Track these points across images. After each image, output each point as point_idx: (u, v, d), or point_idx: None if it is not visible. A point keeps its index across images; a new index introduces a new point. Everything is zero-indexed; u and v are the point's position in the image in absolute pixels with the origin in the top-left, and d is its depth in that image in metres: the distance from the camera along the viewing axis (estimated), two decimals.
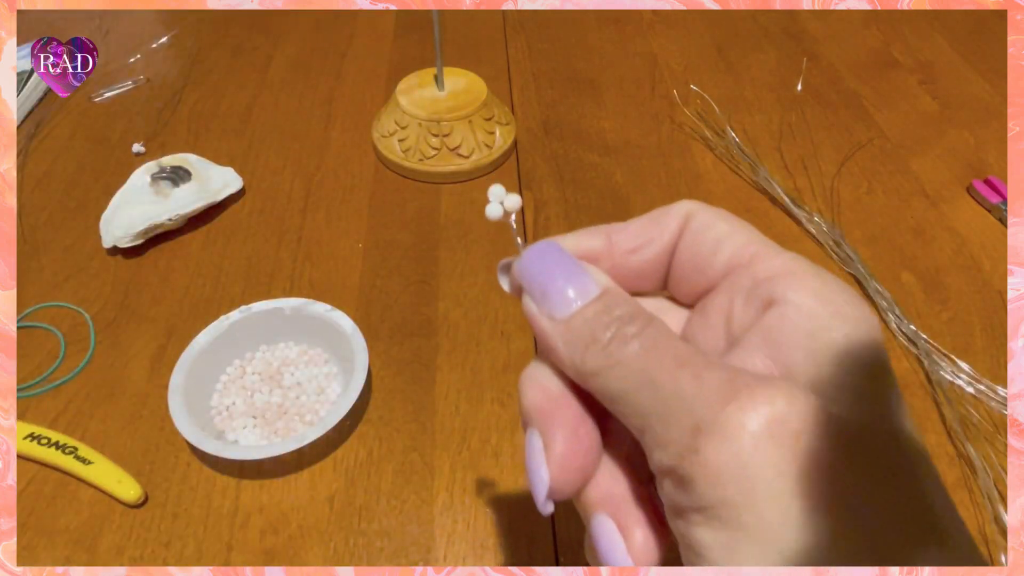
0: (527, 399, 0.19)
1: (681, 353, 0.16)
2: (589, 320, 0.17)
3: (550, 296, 0.18)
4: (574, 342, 0.17)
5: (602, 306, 0.18)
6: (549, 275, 0.18)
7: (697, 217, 0.20)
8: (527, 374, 0.19)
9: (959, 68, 0.75)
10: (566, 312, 0.18)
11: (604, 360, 0.17)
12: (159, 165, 0.57)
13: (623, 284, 0.20)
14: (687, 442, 0.15)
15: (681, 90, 0.71)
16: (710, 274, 0.20)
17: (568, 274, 0.18)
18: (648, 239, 0.21)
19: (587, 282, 0.18)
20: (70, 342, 0.48)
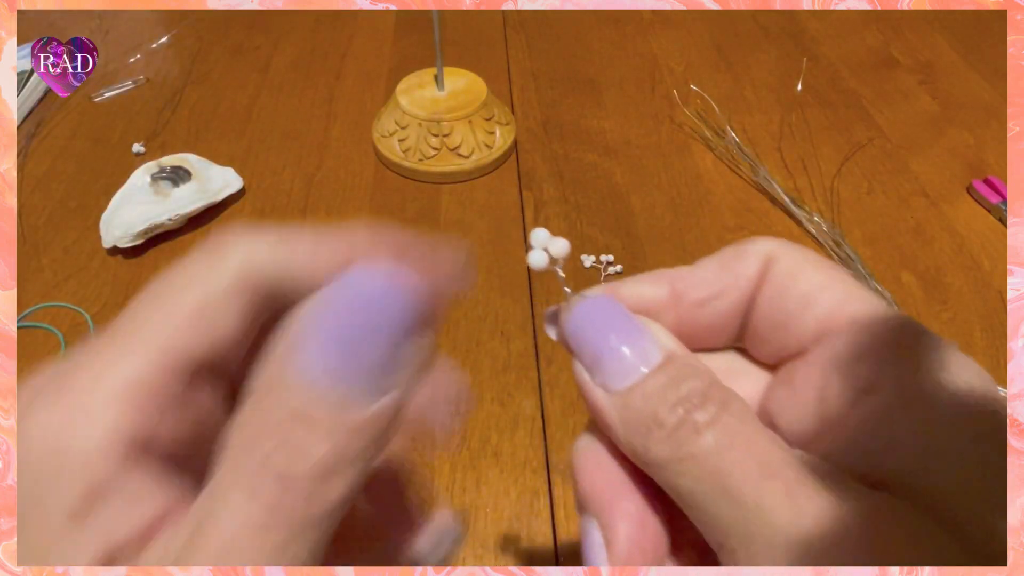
0: (582, 484, 0.16)
1: (768, 456, 0.13)
2: (651, 396, 0.15)
3: (604, 363, 0.15)
4: (633, 423, 0.15)
5: (667, 378, 0.15)
6: (602, 337, 0.16)
7: (780, 262, 0.17)
8: (581, 451, 0.17)
9: (959, 68, 0.75)
10: (623, 384, 0.15)
11: (670, 451, 0.14)
12: (159, 165, 0.57)
13: (689, 341, 0.17)
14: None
15: (681, 90, 0.71)
16: (798, 336, 0.16)
17: (625, 335, 0.16)
18: (720, 288, 0.17)
19: (648, 345, 0.15)
20: (70, 342, 0.48)
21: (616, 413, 0.15)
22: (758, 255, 0.17)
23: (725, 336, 0.18)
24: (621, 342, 0.15)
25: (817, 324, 0.16)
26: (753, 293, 0.17)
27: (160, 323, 0.15)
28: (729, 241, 0.56)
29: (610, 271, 0.52)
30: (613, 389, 0.15)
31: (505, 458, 0.42)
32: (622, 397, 0.15)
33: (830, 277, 0.16)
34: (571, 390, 0.45)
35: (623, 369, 0.15)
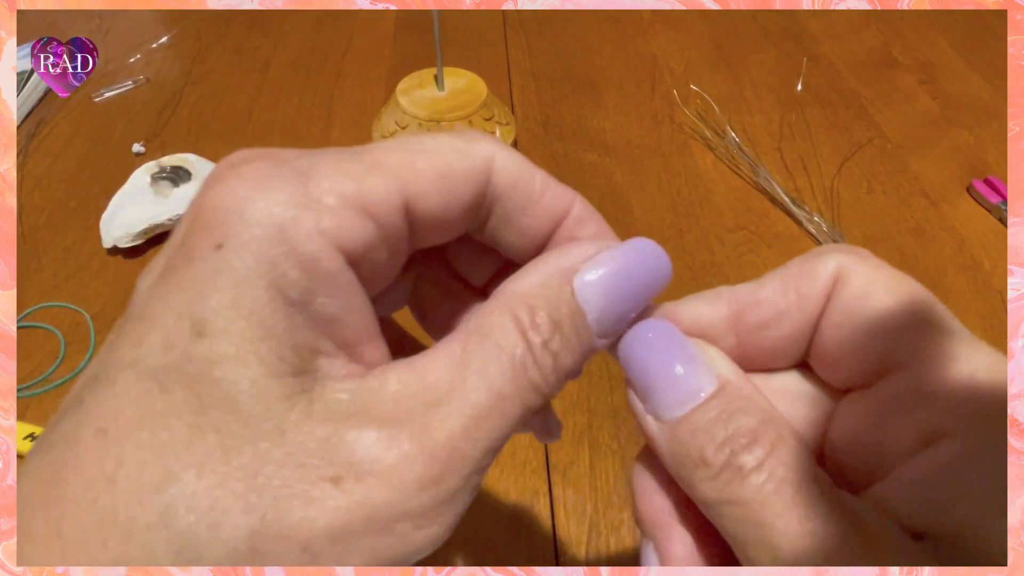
0: (640, 507, 0.16)
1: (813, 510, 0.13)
2: (699, 432, 0.14)
3: (654, 392, 0.15)
4: (680, 456, 0.15)
5: (717, 412, 0.14)
6: (654, 363, 0.15)
7: (852, 279, 0.16)
8: (639, 474, 0.17)
9: (959, 68, 0.75)
10: (672, 414, 0.15)
11: (714, 493, 0.14)
12: (159, 165, 0.57)
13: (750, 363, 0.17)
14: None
15: (681, 90, 0.71)
16: (865, 363, 0.16)
17: (677, 362, 0.15)
18: (784, 309, 0.16)
19: (701, 373, 0.15)
20: (70, 342, 0.48)
21: (665, 444, 0.15)
22: (826, 272, 0.16)
23: (789, 357, 0.17)
24: (673, 369, 0.15)
25: (884, 355, 0.15)
26: (819, 315, 0.16)
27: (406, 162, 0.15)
28: (729, 241, 0.56)
29: None
30: (663, 419, 0.15)
31: (505, 458, 0.41)
32: (671, 429, 0.15)
33: (903, 302, 0.15)
34: (571, 390, 0.45)
35: (673, 399, 0.15)
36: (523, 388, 0.14)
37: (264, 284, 0.13)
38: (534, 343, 0.14)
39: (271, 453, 0.13)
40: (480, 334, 0.15)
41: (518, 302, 0.15)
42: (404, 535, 0.13)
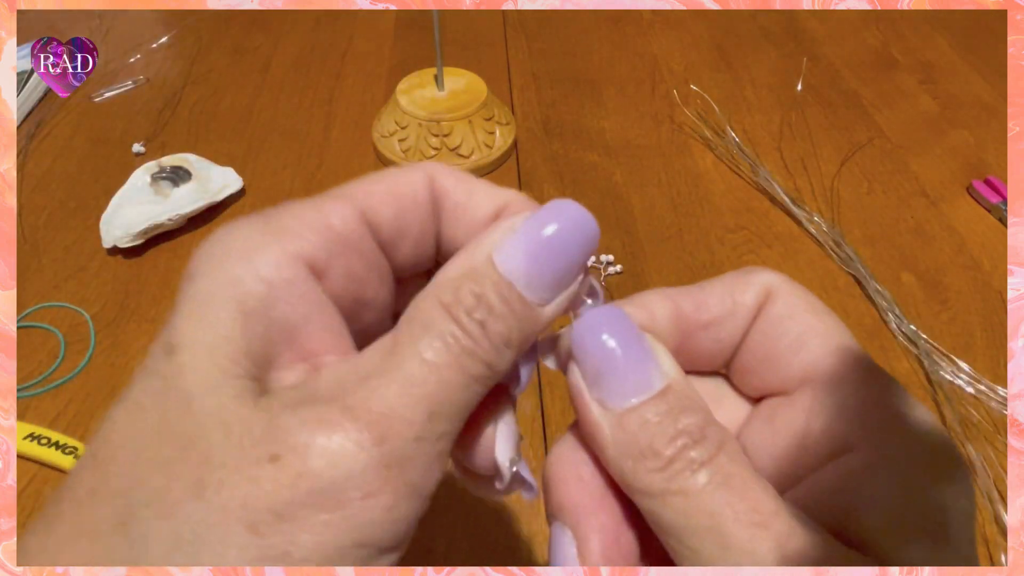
0: (558, 494, 0.16)
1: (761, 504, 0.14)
2: (649, 424, 0.15)
3: (605, 378, 0.15)
4: (626, 446, 0.15)
5: (667, 407, 0.15)
6: (608, 351, 0.15)
7: (779, 299, 0.17)
8: (560, 457, 0.17)
9: (959, 68, 0.75)
10: (621, 404, 0.15)
11: (661, 483, 0.14)
12: (159, 165, 0.57)
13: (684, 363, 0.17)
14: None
15: (681, 90, 0.71)
16: (784, 375, 0.17)
17: (631, 353, 0.15)
18: (722, 315, 0.17)
19: (651, 369, 0.15)
20: (70, 342, 0.48)
21: (609, 432, 0.15)
22: (758, 287, 0.17)
23: (716, 362, 0.18)
24: (626, 360, 0.15)
25: (803, 369, 0.16)
26: (750, 325, 0.17)
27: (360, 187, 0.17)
28: (729, 241, 0.56)
29: (610, 271, 0.52)
30: (610, 407, 0.15)
31: None
32: (618, 417, 0.15)
33: (823, 323, 0.17)
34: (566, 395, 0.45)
35: (624, 389, 0.15)
36: (456, 355, 0.14)
37: (224, 298, 0.15)
38: (459, 316, 0.15)
39: (219, 444, 0.13)
40: (408, 320, 0.15)
41: (442, 286, 0.15)
42: (353, 505, 0.13)
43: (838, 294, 0.51)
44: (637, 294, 0.18)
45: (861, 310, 0.50)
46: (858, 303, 0.50)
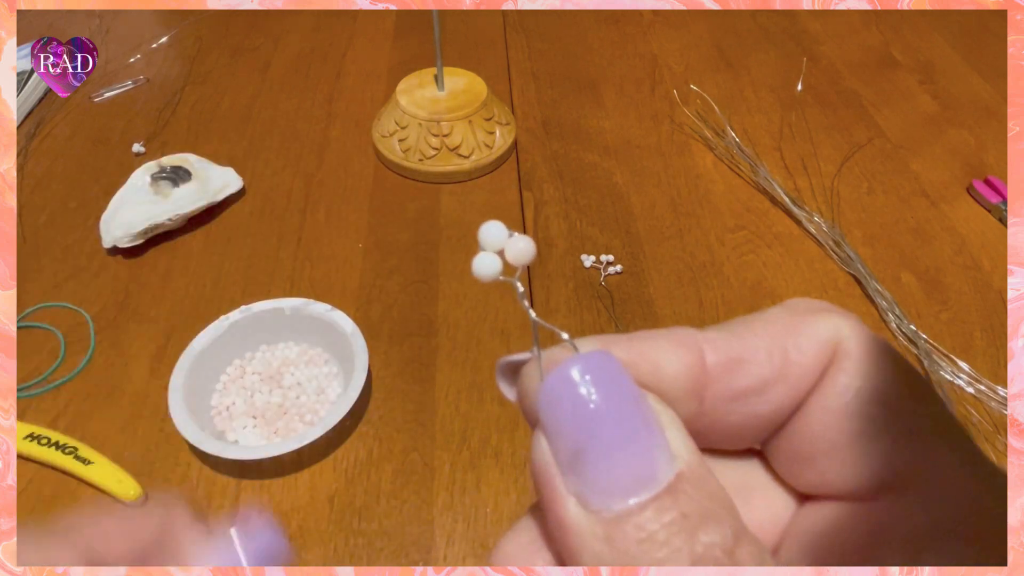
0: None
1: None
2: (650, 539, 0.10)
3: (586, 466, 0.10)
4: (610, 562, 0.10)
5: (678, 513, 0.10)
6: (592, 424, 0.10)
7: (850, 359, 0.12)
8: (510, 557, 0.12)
9: (959, 68, 0.75)
10: (610, 505, 0.10)
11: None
12: (159, 165, 0.57)
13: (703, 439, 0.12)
14: None
15: (681, 90, 0.70)
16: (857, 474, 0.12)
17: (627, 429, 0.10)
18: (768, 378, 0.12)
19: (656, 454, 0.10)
20: (70, 342, 0.48)
21: (589, 543, 0.10)
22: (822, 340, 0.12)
23: (747, 440, 0.13)
24: (621, 436, 0.10)
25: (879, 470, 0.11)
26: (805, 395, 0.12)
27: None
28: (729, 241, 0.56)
29: (610, 271, 0.52)
30: (594, 507, 0.10)
31: (505, 458, 0.41)
32: (607, 525, 0.10)
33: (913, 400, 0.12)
34: None
35: (616, 481, 0.10)
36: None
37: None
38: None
39: None
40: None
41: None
42: None
43: (838, 294, 0.51)
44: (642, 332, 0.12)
45: (861, 310, 0.50)
46: (858, 303, 0.50)
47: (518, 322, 0.49)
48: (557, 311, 0.49)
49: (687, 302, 0.50)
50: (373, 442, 0.42)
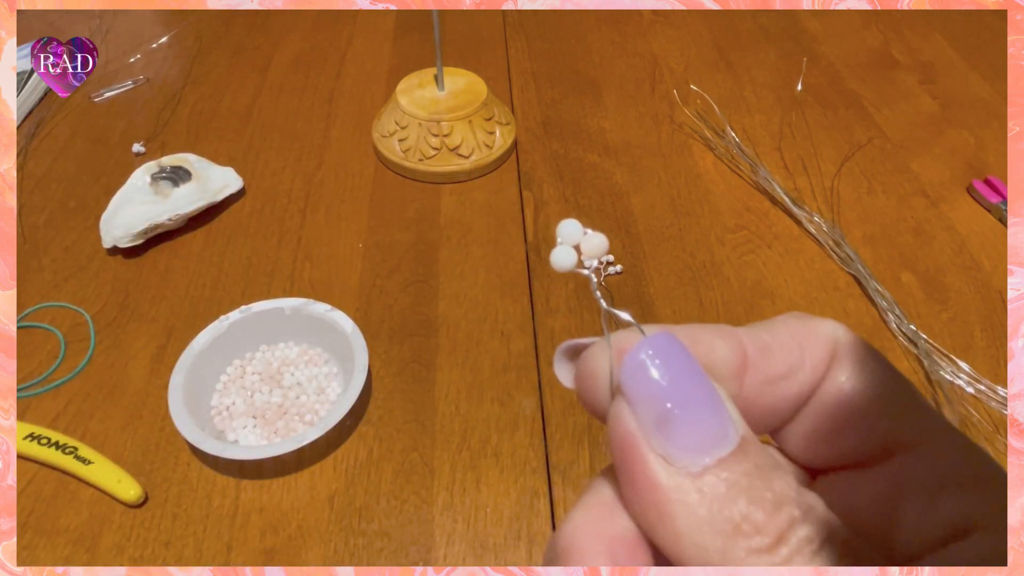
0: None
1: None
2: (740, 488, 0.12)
3: (675, 428, 0.12)
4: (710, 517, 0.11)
5: (753, 466, 0.12)
6: (676, 392, 0.12)
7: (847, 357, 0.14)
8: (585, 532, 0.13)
9: (959, 68, 0.75)
10: (699, 461, 0.12)
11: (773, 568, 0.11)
12: (159, 165, 0.57)
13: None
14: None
15: (681, 90, 0.70)
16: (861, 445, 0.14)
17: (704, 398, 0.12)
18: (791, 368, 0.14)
19: (727, 420, 0.12)
20: (70, 342, 0.48)
21: (683, 497, 0.12)
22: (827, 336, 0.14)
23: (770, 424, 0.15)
24: (698, 407, 0.12)
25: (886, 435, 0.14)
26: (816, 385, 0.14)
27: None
28: (729, 241, 0.56)
29: (610, 271, 0.52)
30: (683, 464, 0.12)
31: (505, 458, 0.41)
32: (695, 479, 0.12)
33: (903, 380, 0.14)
34: (570, 392, 0.45)
35: (699, 443, 0.12)
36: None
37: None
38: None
39: None
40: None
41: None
42: None
43: (838, 294, 0.51)
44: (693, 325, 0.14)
45: (861, 310, 0.50)
46: (858, 303, 0.50)
47: (518, 322, 0.49)
48: (557, 311, 0.49)
49: (687, 302, 0.50)
50: (373, 442, 0.42)
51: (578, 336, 0.14)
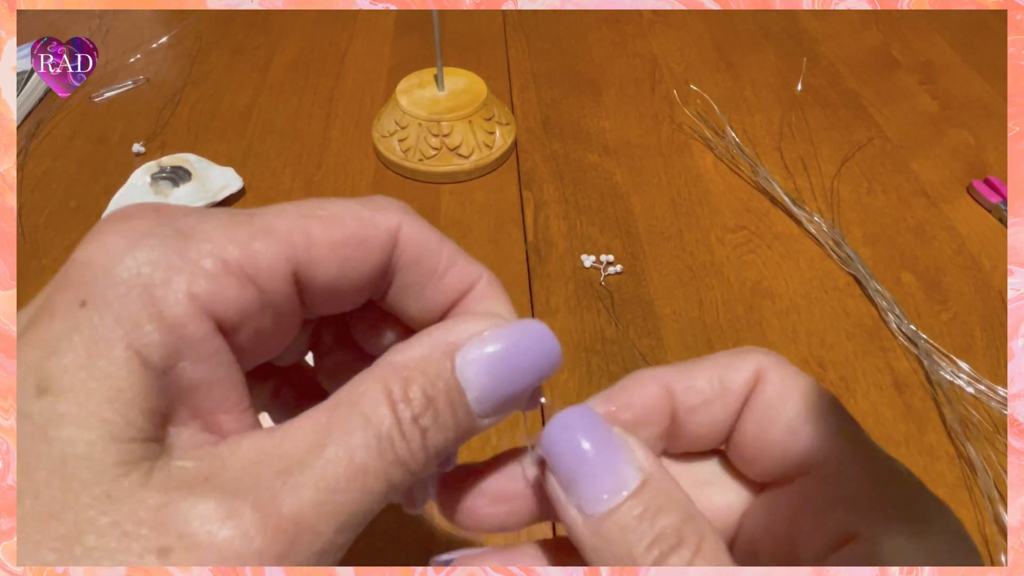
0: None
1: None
2: (626, 529, 0.14)
3: (578, 484, 0.15)
4: (606, 553, 0.14)
5: (642, 508, 0.14)
6: (578, 455, 0.15)
7: (771, 380, 0.17)
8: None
9: (959, 68, 0.75)
10: (596, 508, 0.15)
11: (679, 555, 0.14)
12: (159, 165, 0.57)
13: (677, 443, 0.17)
14: None
15: (681, 90, 0.71)
16: (782, 463, 0.16)
17: (601, 453, 0.15)
18: (710, 398, 0.17)
19: (624, 467, 0.15)
20: None
21: (589, 540, 0.14)
22: (748, 369, 0.17)
23: (710, 444, 0.18)
24: (597, 460, 0.15)
25: (801, 456, 0.16)
26: (741, 409, 0.17)
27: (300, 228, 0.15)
28: (729, 241, 0.56)
29: (610, 271, 0.52)
30: (587, 513, 0.15)
31: None
32: (595, 524, 0.14)
33: (817, 407, 0.16)
34: (571, 391, 0.45)
35: (597, 492, 0.15)
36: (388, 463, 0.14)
37: (123, 345, 0.13)
38: (403, 417, 0.14)
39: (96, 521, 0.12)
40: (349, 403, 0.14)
41: (393, 373, 0.14)
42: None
43: (838, 294, 0.51)
44: (626, 377, 0.18)
45: (861, 310, 0.50)
46: (858, 303, 0.51)
47: None
48: (557, 311, 0.49)
49: (687, 302, 0.50)
50: None
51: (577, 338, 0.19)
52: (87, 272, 0.13)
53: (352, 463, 0.13)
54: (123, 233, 0.13)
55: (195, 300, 0.13)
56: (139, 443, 0.12)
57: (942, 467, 0.41)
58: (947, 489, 0.40)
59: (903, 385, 0.45)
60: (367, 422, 0.14)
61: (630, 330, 0.48)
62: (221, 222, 0.14)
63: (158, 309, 0.13)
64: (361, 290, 0.16)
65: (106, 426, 0.12)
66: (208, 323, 0.13)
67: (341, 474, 0.13)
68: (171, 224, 0.14)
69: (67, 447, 0.12)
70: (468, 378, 0.15)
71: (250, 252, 0.14)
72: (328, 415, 0.14)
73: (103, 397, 0.12)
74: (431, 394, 0.14)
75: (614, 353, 0.47)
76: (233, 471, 0.13)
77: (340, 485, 0.13)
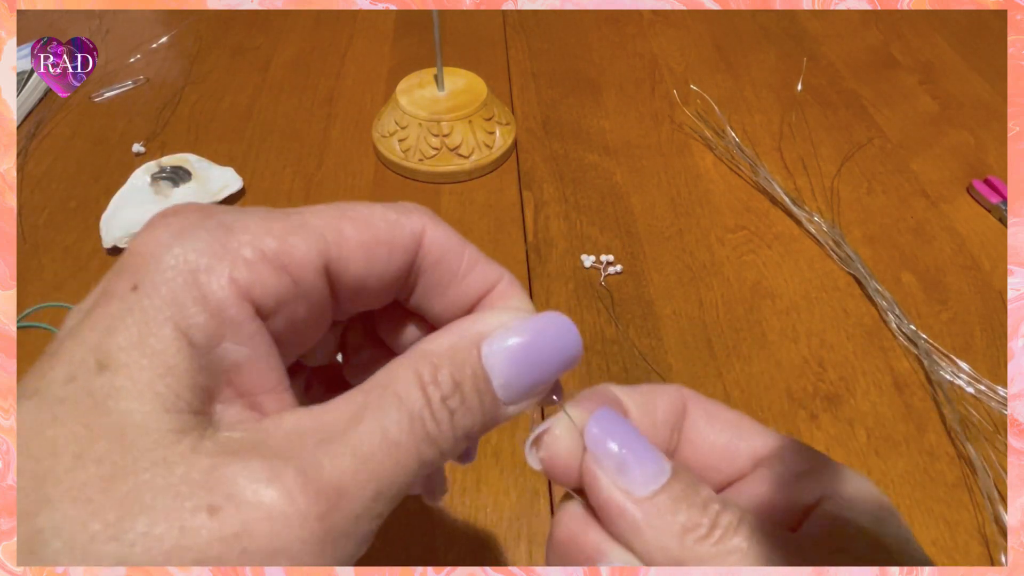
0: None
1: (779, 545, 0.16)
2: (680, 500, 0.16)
3: (630, 469, 0.17)
4: (663, 525, 0.16)
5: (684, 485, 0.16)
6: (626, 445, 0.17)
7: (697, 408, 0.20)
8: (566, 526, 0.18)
9: (959, 68, 0.75)
10: (649, 489, 0.16)
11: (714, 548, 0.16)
12: (159, 165, 0.57)
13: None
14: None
15: (681, 90, 0.71)
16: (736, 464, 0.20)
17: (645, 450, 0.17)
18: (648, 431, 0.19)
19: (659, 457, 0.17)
20: None
21: (643, 516, 0.16)
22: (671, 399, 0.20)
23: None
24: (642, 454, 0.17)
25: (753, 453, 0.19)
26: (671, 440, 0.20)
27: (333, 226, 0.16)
28: (729, 241, 0.56)
29: (610, 271, 0.52)
30: (639, 494, 0.16)
31: (505, 458, 0.42)
32: (649, 501, 0.16)
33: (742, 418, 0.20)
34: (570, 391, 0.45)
35: (646, 476, 0.16)
36: (418, 439, 0.15)
37: (171, 325, 0.14)
38: (433, 398, 0.15)
39: (152, 483, 0.13)
40: (383, 385, 0.15)
41: (424, 359, 0.16)
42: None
43: (838, 294, 0.51)
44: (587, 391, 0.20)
45: (861, 310, 0.50)
46: (858, 303, 0.51)
47: None
48: (557, 311, 0.49)
49: (687, 302, 0.50)
50: None
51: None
52: (139, 260, 0.15)
53: (386, 438, 0.14)
54: (171, 226, 0.15)
55: (235, 285, 0.15)
56: (188, 415, 0.14)
57: (942, 467, 0.41)
58: (947, 489, 0.40)
59: (903, 385, 0.45)
60: (400, 402, 0.15)
61: (630, 330, 0.48)
62: (260, 217, 0.16)
63: (202, 292, 0.14)
64: (388, 287, 0.18)
65: (159, 399, 0.13)
66: (248, 307, 0.15)
67: (376, 446, 0.14)
68: (214, 218, 0.15)
69: (125, 417, 0.13)
70: (494, 365, 0.16)
71: (286, 244, 0.15)
72: (364, 396, 0.15)
73: (154, 373, 0.13)
74: (458, 379, 0.16)
75: (614, 353, 0.47)
76: (276, 441, 0.14)
77: (376, 456, 0.14)
